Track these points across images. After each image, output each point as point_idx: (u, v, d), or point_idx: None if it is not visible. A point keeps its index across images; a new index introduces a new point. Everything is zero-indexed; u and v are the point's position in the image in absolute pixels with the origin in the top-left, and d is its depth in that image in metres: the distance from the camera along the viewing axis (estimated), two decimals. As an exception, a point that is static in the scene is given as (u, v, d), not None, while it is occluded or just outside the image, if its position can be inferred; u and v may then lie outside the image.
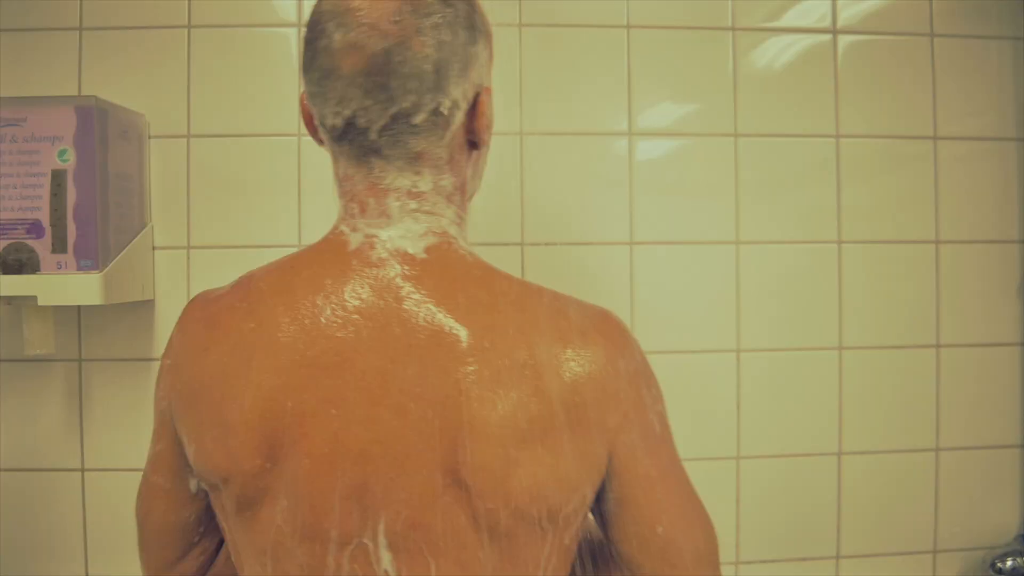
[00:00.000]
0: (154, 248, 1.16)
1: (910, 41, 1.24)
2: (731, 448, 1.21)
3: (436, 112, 0.63)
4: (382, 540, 0.60)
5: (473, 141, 0.68)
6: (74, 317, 1.15)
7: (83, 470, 1.16)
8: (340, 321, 0.61)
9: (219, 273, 1.13)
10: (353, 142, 0.64)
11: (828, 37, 1.23)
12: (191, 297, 1.14)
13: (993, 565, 1.21)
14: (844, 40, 1.23)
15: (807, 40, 1.22)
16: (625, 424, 0.63)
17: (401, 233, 0.64)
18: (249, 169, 1.17)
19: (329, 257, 0.64)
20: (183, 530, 0.72)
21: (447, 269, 0.63)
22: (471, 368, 0.59)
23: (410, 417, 0.59)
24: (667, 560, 0.63)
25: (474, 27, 0.65)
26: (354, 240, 0.64)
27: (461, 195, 0.69)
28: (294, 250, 1.13)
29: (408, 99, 0.61)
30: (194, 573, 0.75)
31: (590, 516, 0.67)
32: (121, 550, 1.15)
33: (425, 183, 0.65)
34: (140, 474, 1.14)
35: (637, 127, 1.20)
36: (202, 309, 0.67)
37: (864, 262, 1.23)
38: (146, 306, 1.16)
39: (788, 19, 1.23)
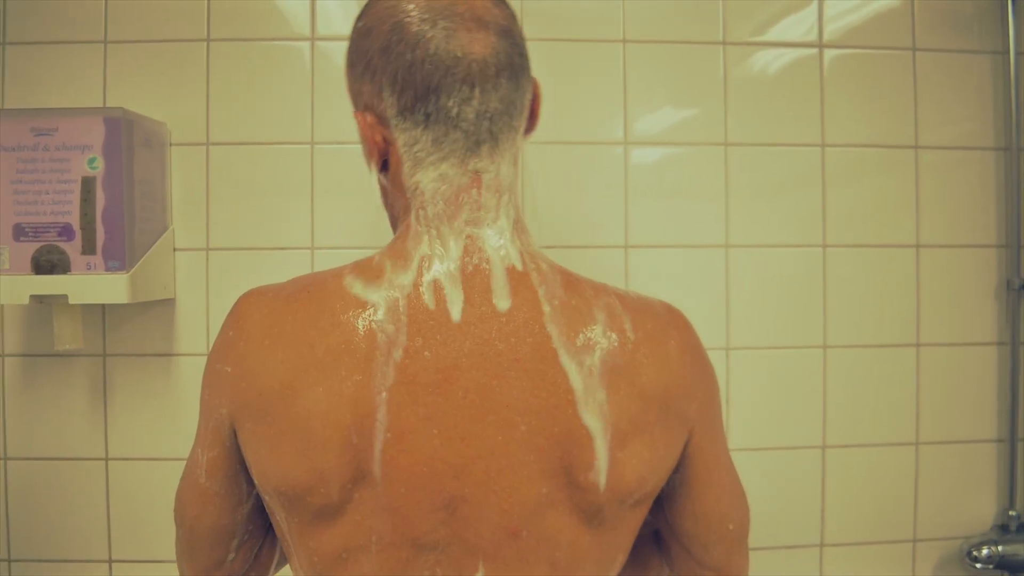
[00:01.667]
0: (175, 249, 1.21)
1: (893, 55, 1.28)
2: (720, 441, 1.26)
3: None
4: (477, 550, 0.61)
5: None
6: (99, 314, 1.21)
7: (107, 459, 1.21)
8: (441, 336, 0.60)
9: (236, 273, 1.21)
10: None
11: (814, 51, 1.28)
12: (209, 295, 1.20)
13: (969, 554, 1.25)
14: (829, 54, 1.28)
15: (794, 54, 1.27)
16: (700, 413, 0.67)
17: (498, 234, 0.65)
18: (264, 175, 1.22)
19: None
20: (233, 531, 0.71)
21: (540, 275, 0.64)
22: (575, 376, 0.60)
23: (516, 431, 0.59)
24: (720, 533, 0.70)
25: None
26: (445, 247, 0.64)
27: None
28: (307, 252, 1.21)
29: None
30: (240, 570, 0.73)
31: None
32: (142, 534, 1.21)
33: (508, 174, 0.66)
34: (160, 463, 1.22)
35: (632, 136, 1.25)
36: (269, 315, 0.63)
37: (848, 265, 1.27)
38: (167, 304, 1.21)
39: (776, 33, 1.27)
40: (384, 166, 0.69)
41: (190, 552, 0.72)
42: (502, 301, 0.62)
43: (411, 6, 0.63)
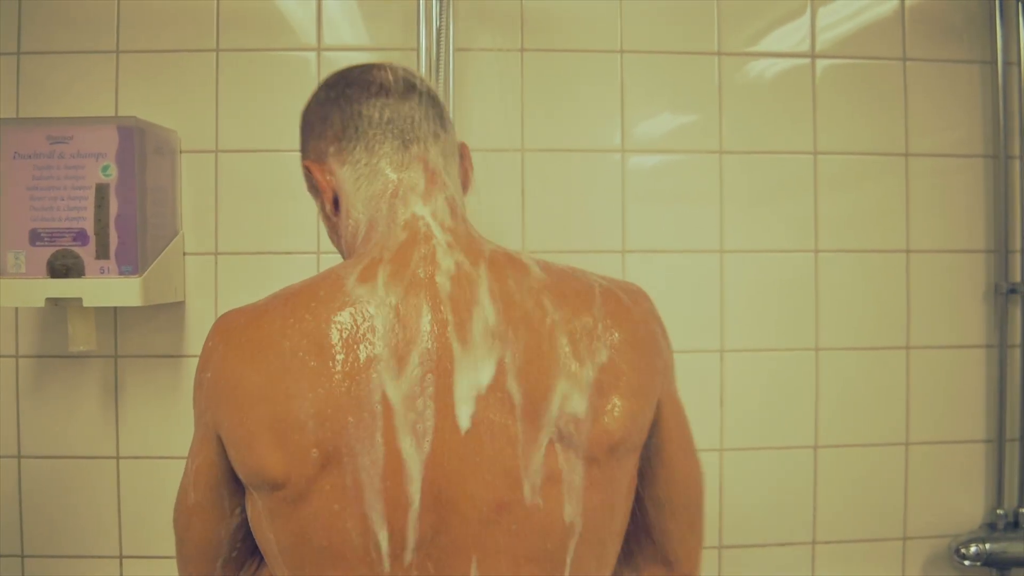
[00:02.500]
0: (185, 254, 1.24)
1: (884, 64, 1.32)
2: (715, 440, 1.29)
3: None
4: (461, 527, 0.63)
5: None
6: (111, 317, 1.24)
7: (118, 457, 1.25)
8: (402, 325, 0.64)
9: (244, 276, 1.25)
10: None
11: (807, 61, 1.31)
12: (217, 298, 1.25)
13: (958, 551, 1.28)
14: (822, 63, 1.31)
15: (787, 63, 1.31)
16: (664, 370, 0.72)
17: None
18: (272, 181, 1.25)
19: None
20: (219, 547, 0.72)
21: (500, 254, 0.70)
22: (551, 336, 0.65)
23: (495, 404, 0.63)
24: (688, 495, 0.74)
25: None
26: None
27: None
28: (312, 256, 1.24)
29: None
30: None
31: None
32: (152, 530, 1.25)
33: None
34: (169, 462, 1.26)
35: (629, 144, 1.28)
36: (246, 323, 0.67)
37: (840, 269, 1.31)
38: (177, 307, 1.25)
39: (770, 43, 1.31)
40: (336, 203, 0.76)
41: (182, 563, 0.75)
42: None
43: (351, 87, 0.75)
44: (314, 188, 0.79)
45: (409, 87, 0.74)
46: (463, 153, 0.80)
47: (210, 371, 0.68)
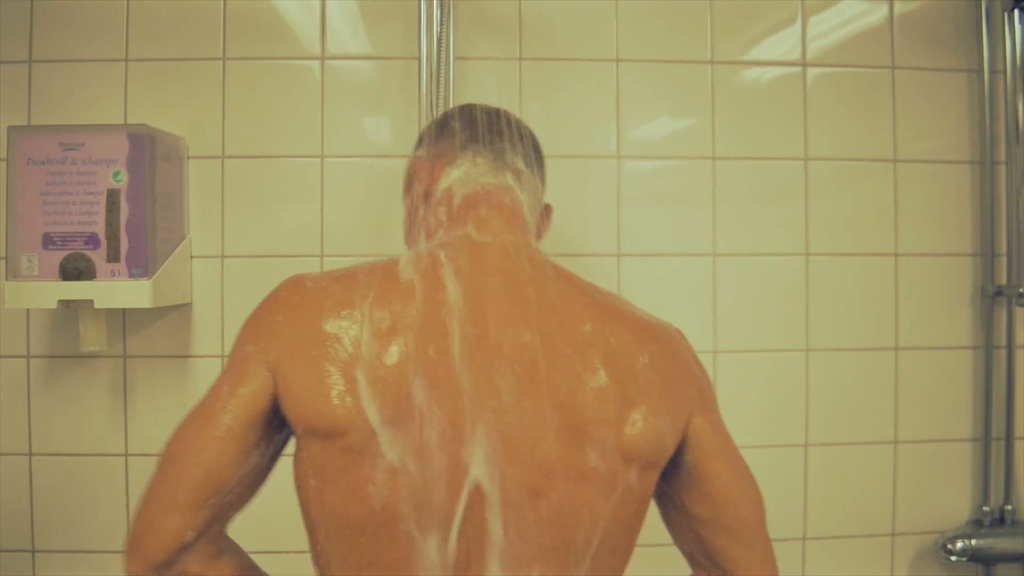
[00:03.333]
0: (192, 257, 1.27)
1: (873, 73, 1.35)
2: (708, 439, 1.32)
3: None
4: (497, 496, 0.67)
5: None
6: (120, 318, 1.27)
7: (126, 455, 1.28)
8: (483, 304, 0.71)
9: (249, 279, 1.28)
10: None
11: (798, 69, 1.34)
12: (224, 300, 1.28)
13: (945, 547, 1.31)
14: (813, 71, 1.34)
15: (779, 72, 1.34)
16: (698, 397, 0.76)
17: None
18: (277, 186, 1.28)
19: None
20: (228, 477, 0.69)
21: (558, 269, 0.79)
22: (591, 355, 0.71)
23: (540, 396, 0.69)
24: (735, 513, 0.76)
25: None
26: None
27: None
28: (316, 259, 1.27)
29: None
30: (212, 523, 0.70)
31: None
32: (160, 527, 1.28)
33: None
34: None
35: (625, 150, 1.31)
36: (325, 282, 0.73)
37: (830, 272, 1.34)
38: (184, 309, 1.28)
39: (762, 52, 1.34)
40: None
41: (169, 485, 0.69)
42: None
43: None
44: (411, 179, 0.87)
45: (522, 136, 0.88)
46: (546, 211, 0.92)
47: (281, 316, 0.72)
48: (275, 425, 0.72)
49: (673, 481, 0.77)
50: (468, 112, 0.87)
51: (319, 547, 0.71)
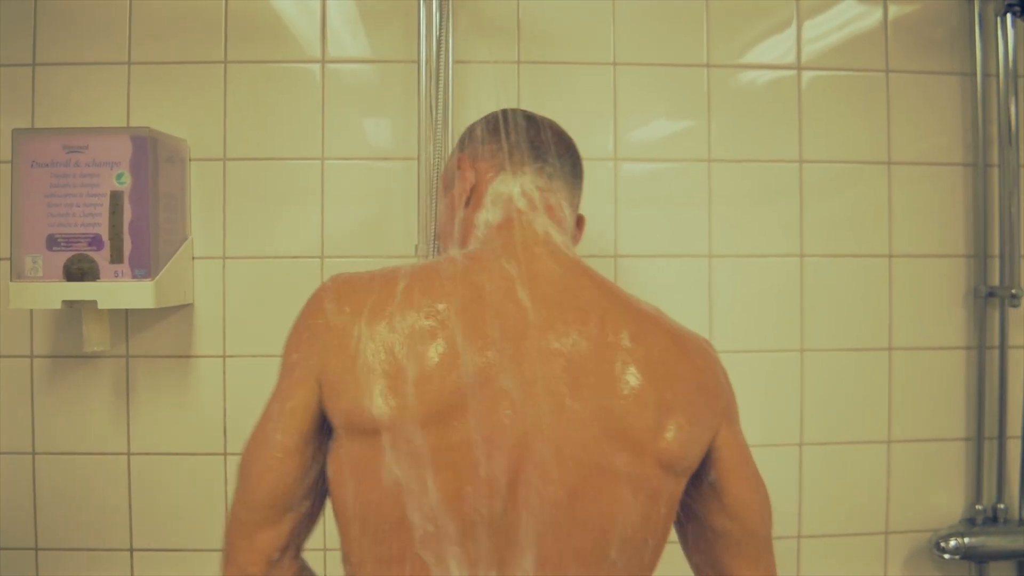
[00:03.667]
0: (194, 258, 1.29)
1: (867, 76, 1.37)
2: (704, 439, 1.33)
3: None
4: (534, 494, 0.69)
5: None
6: (122, 318, 1.29)
7: (128, 454, 1.29)
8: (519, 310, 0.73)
9: (251, 280, 1.29)
10: None
11: (793, 72, 1.36)
12: (225, 301, 1.29)
13: (938, 545, 1.33)
14: (807, 75, 1.36)
15: (774, 75, 1.35)
16: (726, 409, 0.79)
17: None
18: (277, 188, 1.30)
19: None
20: (295, 491, 0.73)
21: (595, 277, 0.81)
22: (627, 357, 0.72)
23: (579, 400, 0.70)
24: (751, 528, 0.79)
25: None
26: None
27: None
28: (316, 260, 1.29)
29: None
30: (294, 532, 0.74)
31: None
32: (161, 525, 1.29)
33: None
34: (179, 458, 1.30)
35: (622, 152, 1.33)
36: (366, 284, 0.74)
37: (824, 274, 1.35)
38: (186, 309, 1.29)
39: (757, 56, 1.35)
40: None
41: (246, 510, 0.73)
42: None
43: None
44: (452, 178, 0.89)
45: (566, 146, 0.89)
46: (580, 222, 0.92)
47: (323, 318, 0.73)
48: (327, 428, 0.74)
49: (692, 491, 0.79)
50: (514, 119, 0.88)
51: (352, 545, 0.72)
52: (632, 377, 0.71)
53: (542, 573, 0.69)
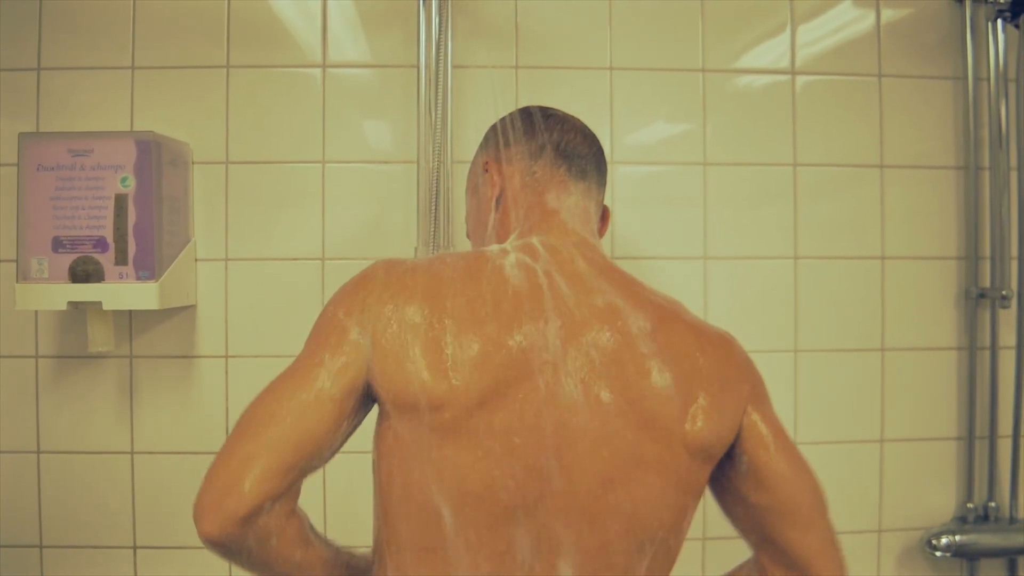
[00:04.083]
0: (196, 260, 1.30)
1: (860, 80, 1.38)
2: (699, 438, 1.35)
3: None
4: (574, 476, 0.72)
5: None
6: (126, 319, 1.30)
7: (132, 453, 1.31)
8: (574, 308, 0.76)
9: (252, 281, 1.31)
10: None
11: (787, 76, 1.37)
12: (227, 302, 1.30)
13: (930, 543, 1.34)
14: (801, 79, 1.38)
15: (769, 79, 1.37)
16: (752, 392, 0.81)
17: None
18: (279, 191, 1.31)
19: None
20: (323, 441, 0.71)
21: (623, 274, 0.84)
22: (655, 349, 0.75)
23: (612, 391, 0.73)
24: (792, 499, 0.80)
25: None
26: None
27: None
28: (317, 262, 1.30)
29: None
30: (292, 489, 0.72)
31: None
32: (164, 522, 1.30)
33: None
34: (181, 456, 1.32)
35: (618, 156, 1.35)
36: (417, 267, 0.77)
37: (818, 275, 1.37)
38: (189, 310, 1.31)
39: (752, 60, 1.37)
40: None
41: (254, 447, 0.69)
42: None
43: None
44: (478, 180, 0.91)
45: (590, 142, 0.91)
46: (604, 215, 0.95)
47: (375, 295, 0.74)
48: (364, 399, 0.75)
49: (730, 472, 0.81)
50: (538, 118, 0.90)
51: (390, 530, 0.73)
52: (660, 369, 0.74)
53: (577, 561, 0.71)
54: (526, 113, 0.90)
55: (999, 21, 1.36)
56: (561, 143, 0.88)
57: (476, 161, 0.94)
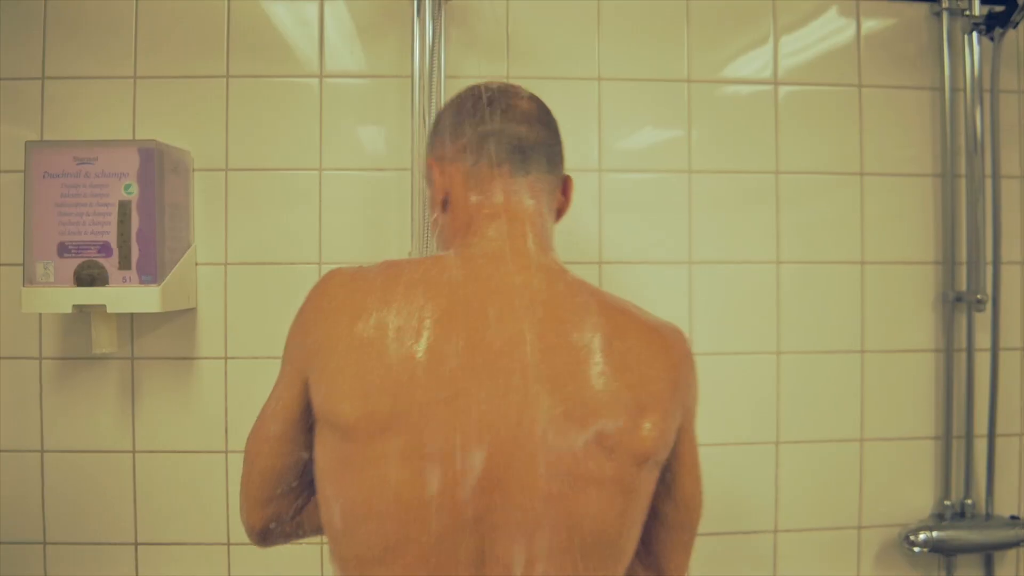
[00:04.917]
0: (197, 264, 1.34)
1: (841, 90, 1.43)
2: (684, 437, 1.39)
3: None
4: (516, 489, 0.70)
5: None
6: (128, 322, 1.34)
7: (134, 452, 1.34)
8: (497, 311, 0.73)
9: (251, 285, 1.35)
10: None
11: (770, 87, 1.42)
12: (227, 305, 1.34)
13: (908, 539, 1.38)
14: (783, 89, 1.42)
15: (752, 89, 1.41)
16: (691, 407, 0.80)
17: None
18: (277, 197, 1.35)
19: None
20: (286, 472, 0.80)
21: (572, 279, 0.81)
22: (602, 358, 0.73)
23: (552, 403, 0.71)
24: (687, 516, 0.83)
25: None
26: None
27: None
28: (315, 267, 1.34)
29: None
30: (284, 511, 0.82)
31: None
32: (165, 519, 1.34)
33: None
34: (182, 455, 1.36)
35: (606, 164, 1.38)
36: (350, 283, 0.75)
37: (799, 279, 1.41)
38: (190, 313, 1.34)
39: (735, 71, 1.41)
40: None
41: (246, 486, 0.82)
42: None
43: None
44: (428, 183, 0.87)
45: (537, 126, 0.83)
46: (566, 185, 0.88)
47: (312, 314, 0.76)
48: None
49: None
50: (476, 103, 0.83)
51: (335, 542, 0.74)
52: (609, 376, 0.72)
53: (523, 572, 0.70)
54: (467, 100, 0.84)
55: (975, 34, 1.41)
56: (504, 135, 0.81)
57: (426, 158, 0.89)
